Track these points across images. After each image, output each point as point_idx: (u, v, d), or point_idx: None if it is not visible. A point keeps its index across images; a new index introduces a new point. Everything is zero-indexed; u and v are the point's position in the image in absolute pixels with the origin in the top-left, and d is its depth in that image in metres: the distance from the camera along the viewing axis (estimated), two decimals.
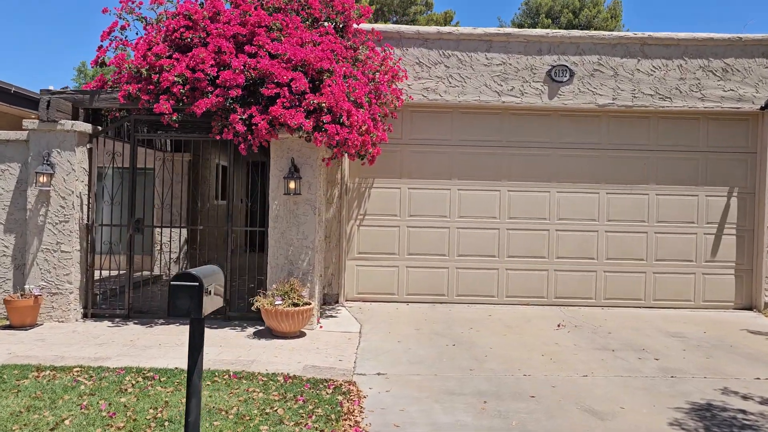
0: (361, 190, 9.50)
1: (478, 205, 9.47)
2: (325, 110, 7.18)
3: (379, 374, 5.89)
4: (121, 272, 8.84)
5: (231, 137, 7.28)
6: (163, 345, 6.71)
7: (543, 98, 9.30)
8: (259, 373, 5.68)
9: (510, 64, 9.30)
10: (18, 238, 7.86)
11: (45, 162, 7.60)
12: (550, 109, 9.44)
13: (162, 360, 6.06)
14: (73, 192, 7.71)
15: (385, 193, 9.49)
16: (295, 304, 7.13)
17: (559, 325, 8.17)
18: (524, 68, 9.31)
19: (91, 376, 5.44)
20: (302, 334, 7.33)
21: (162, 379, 5.39)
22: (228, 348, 6.62)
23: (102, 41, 7.84)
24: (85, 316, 7.96)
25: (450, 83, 9.29)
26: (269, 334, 7.26)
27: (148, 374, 5.50)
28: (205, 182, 11.98)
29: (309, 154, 7.65)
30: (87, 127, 7.84)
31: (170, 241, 8.99)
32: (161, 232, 11.03)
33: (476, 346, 7.01)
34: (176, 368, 5.72)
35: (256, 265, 9.06)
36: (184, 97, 7.26)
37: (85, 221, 7.94)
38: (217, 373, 5.60)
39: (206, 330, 7.46)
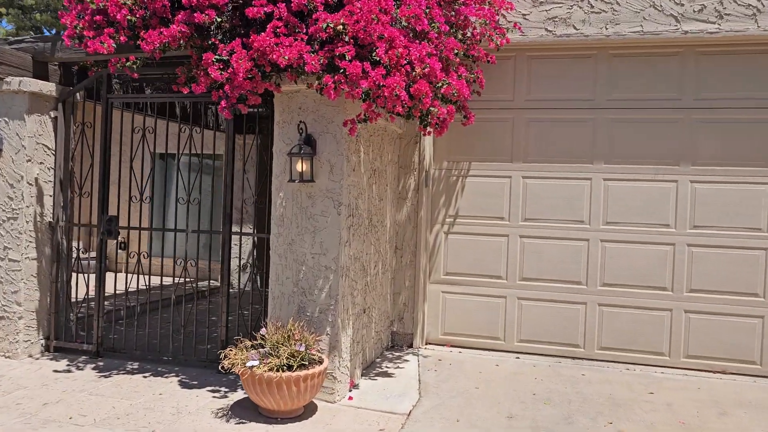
0: (450, 179, 6.33)
1: (639, 204, 5.84)
2: (347, 38, 4.20)
3: None
4: (184, 282, 6.55)
5: (204, 90, 4.57)
6: (73, 420, 4.19)
7: (761, 21, 5.42)
8: None
9: None
10: None
11: None
12: None
13: None
14: (23, 177, 5.51)
15: (487, 184, 6.22)
16: (289, 366, 4.22)
17: None
18: None
19: None
20: (307, 414, 4.42)
21: None
22: None
23: None
24: (47, 349, 5.75)
25: (592, 7, 5.77)
26: (254, 410, 4.44)
27: None
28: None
29: (331, 117, 4.68)
30: (46, 87, 5.61)
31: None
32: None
33: None
34: None
35: None
36: (141, 30, 4.69)
37: (48, 218, 5.73)
38: None
39: (173, 390, 4.82)
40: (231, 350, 4.36)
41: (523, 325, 6.12)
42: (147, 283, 5.59)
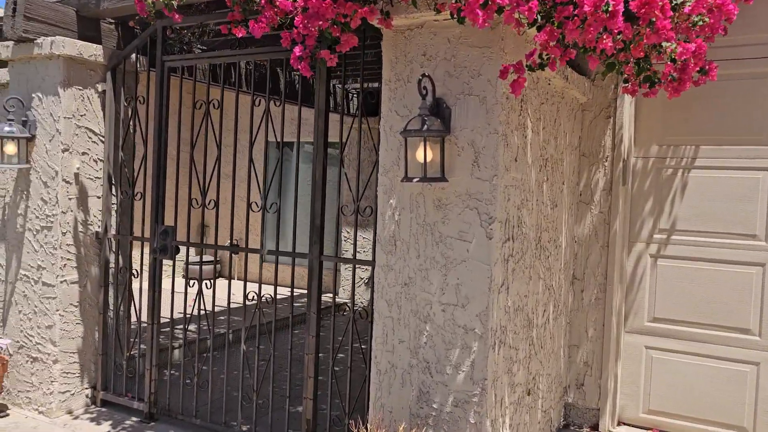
0: (663, 173, 4.06)
1: None
2: None
3: None
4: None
5: (267, 30, 2.77)
6: None
7: None
8: None
9: None
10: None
11: (9, 118, 4.11)
12: None
13: None
14: (58, 173, 4.08)
15: (726, 181, 3.89)
16: None
17: None
18: None
19: None
20: None
21: None
22: None
23: None
24: (94, 402, 4.33)
25: None
26: None
27: None
28: None
29: (476, 67, 2.67)
30: (88, 50, 4.13)
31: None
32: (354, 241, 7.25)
33: None
34: None
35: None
36: None
37: (96, 228, 4.28)
38: None
39: None
40: None
41: None
42: (210, 321, 3.94)
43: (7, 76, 4.43)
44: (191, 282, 3.95)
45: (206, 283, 3.89)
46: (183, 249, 6.96)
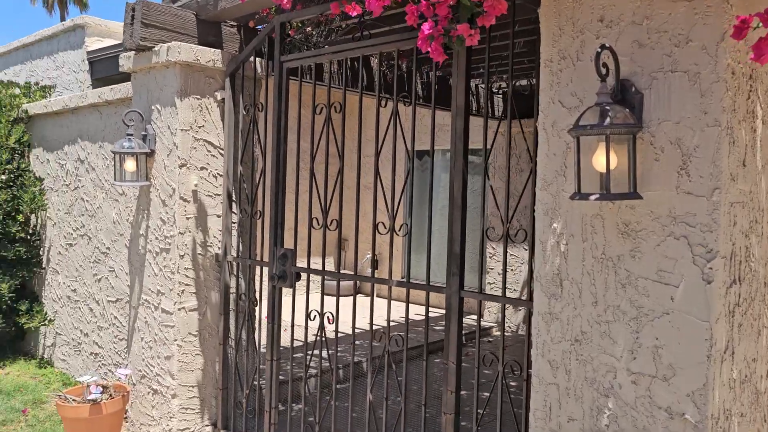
0: None
1: None
2: None
3: None
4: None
5: (385, 2, 2.12)
6: None
7: None
8: None
9: None
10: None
11: (128, 133, 3.84)
12: None
13: None
14: (175, 190, 3.75)
15: None
16: None
17: None
18: None
19: None
20: None
21: None
22: None
23: None
24: None
25: None
26: None
27: None
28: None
29: (684, 30, 1.81)
30: (205, 55, 3.76)
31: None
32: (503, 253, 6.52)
33: None
34: None
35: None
36: None
37: (215, 250, 3.91)
38: None
39: None
40: None
41: None
42: (334, 354, 3.36)
43: (130, 91, 4.22)
44: (312, 315, 3.40)
45: (328, 317, 3.34)
46: (310, 267, 6.58)
